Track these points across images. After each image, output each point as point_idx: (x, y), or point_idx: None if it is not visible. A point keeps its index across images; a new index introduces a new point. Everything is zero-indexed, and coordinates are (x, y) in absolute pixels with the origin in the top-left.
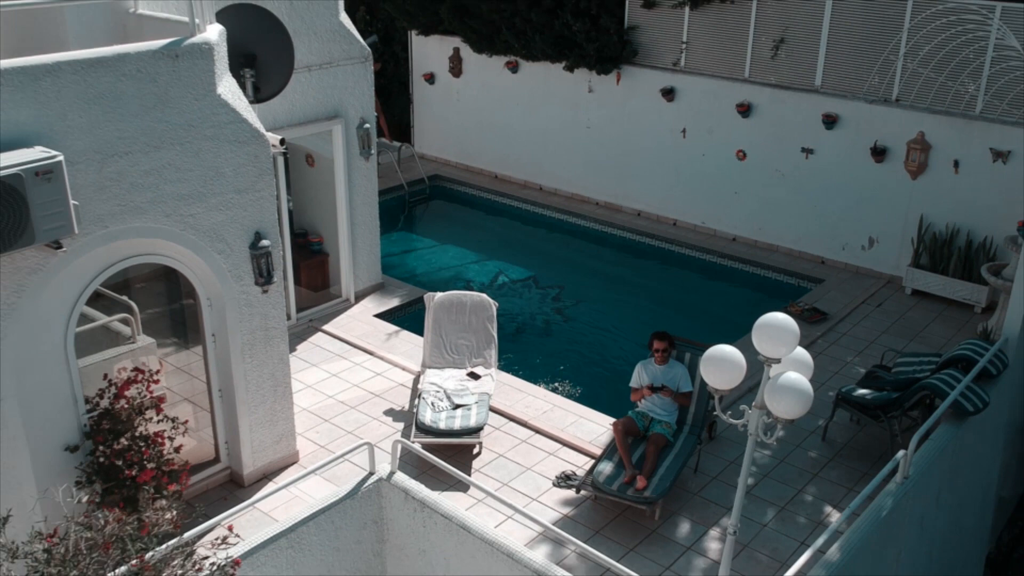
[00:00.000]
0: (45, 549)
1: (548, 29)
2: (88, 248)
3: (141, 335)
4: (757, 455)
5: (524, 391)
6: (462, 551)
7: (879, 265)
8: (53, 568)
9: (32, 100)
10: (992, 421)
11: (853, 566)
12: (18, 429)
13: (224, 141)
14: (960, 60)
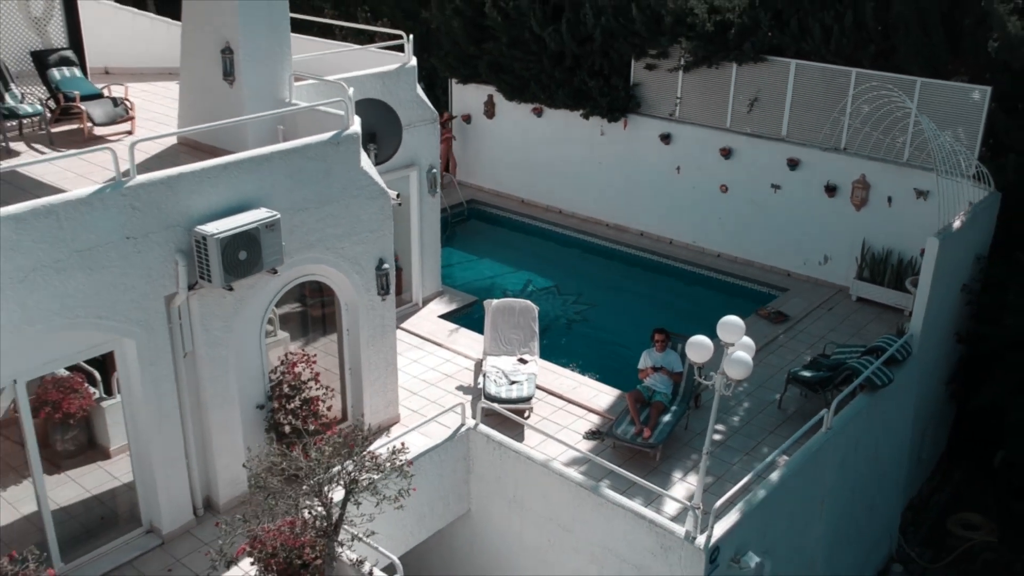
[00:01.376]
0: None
1: (568, 84)
2: (281, 272)
3: (279, 331)
4: (731, 418)
5: (557, 372)
6: (527, 477)
7: (832, 277)
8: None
9: (256, 178)
10: (902, 393)
11: (786, 488)
12: (234, 392)
13: (363, 198)
14: (890, 120)
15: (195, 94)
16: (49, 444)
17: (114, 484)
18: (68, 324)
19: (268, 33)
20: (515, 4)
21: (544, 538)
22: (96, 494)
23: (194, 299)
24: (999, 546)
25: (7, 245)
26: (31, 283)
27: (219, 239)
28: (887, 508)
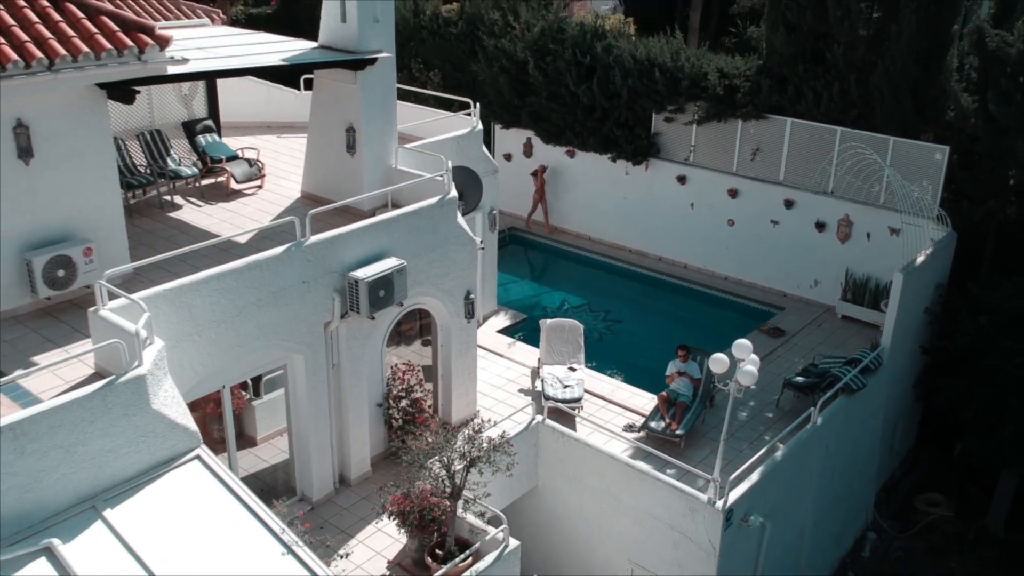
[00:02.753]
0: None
1: (598, 132)
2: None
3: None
4: (740, 414)
5: (598, 378)
6: (584, 459)
7: (821, 298)
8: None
9: (387, 234)
10: (875, 395)
11: (786, 467)
12: (364, 394)
13: (458, 245)
14: (868, 171)
15: (321, 159)
16: (207, 432)
17: (263, 465)
18: (262, 345)
19: (382, 116)
20: (554, 65)
21: (598, 506)
22: (253, 472)
23: (343, 325)
24: (954, 519)
25: (229, 289)
26: (243, 316)
27: (368, 282)
28: (864, 488)
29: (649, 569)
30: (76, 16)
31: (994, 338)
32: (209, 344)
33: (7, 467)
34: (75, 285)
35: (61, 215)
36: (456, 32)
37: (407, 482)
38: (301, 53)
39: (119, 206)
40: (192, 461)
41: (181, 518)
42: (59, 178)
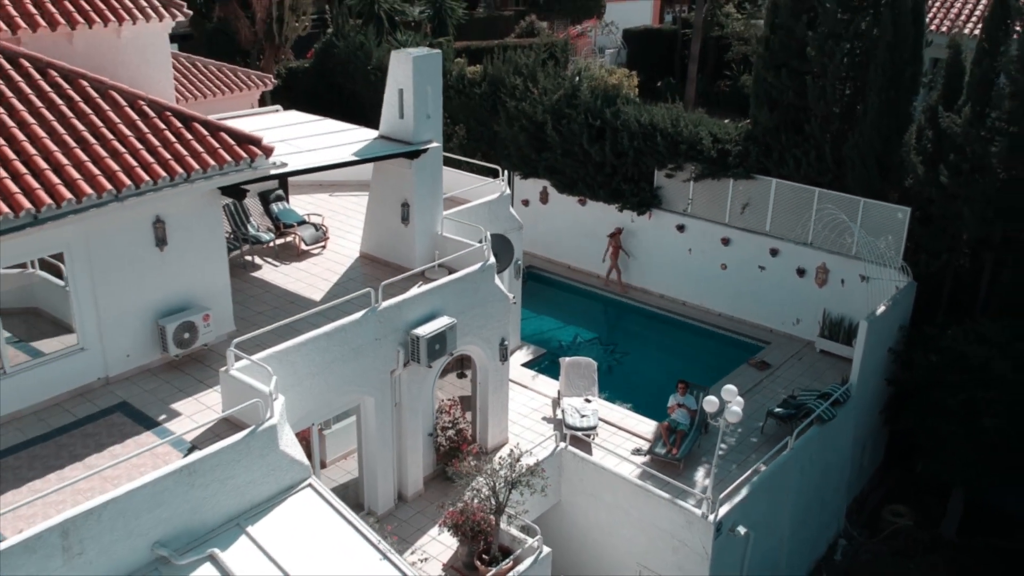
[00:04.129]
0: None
1: (607, 186)
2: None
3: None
4: (730, 439)
5: (608, 407)
6: (599, 479)
7: (803, 334)
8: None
9: (440, 297)
10: (844, 424)
11: (767, 486)
12: (419, 426)
13: (495, 301)
14: (842, 227)
15: (379, 227)
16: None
17: (332, 484)
18: (343, 391)
19: (431, 194)
20: (569, 127)
21: (611, 518)
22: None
23: (404, 372)
24: (915, 528)
25: (320, 347)
26: (330, 368)
27: (426, 338)
28: (836, 501)
29: (653, 570)
30: (202, 134)
31: (942, 375)
32: (305, 392)
33: (180, 496)
34: (196, 345)
35: (185, 288)
36: (480, 92)
37: (459, 500)
38: (368, 145)
39: (227, 279)
40: (306, 488)
41: (301, 532)
42: (185, 260)
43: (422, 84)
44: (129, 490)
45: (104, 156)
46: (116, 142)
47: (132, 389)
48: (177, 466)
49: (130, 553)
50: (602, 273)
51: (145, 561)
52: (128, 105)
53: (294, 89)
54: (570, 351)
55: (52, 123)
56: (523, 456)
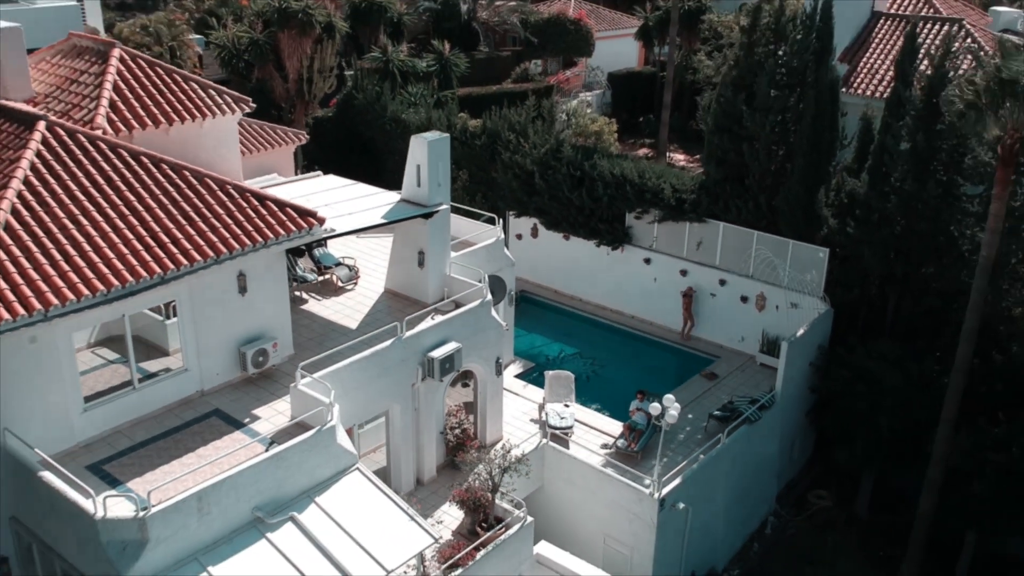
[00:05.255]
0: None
1: (586, 225)
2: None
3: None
4: (678, 436)
5: (584, 410)
6: (573, 467)
7: (747, 350)
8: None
9: (451, 327)
10: (769, 425)
11: (703, 473)
12: (432, 426)
13: (492, 329)
14: (776, 263)
15: (401, 269)
16: None
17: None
18: (377, 400)
19: (441, 244)
20: (554, 177)
21: (582, 497)
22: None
23: (422, 385)
24: (834, 508)
25: (361, 368)
26: (369, 384)
27: (439, 359)
28: (767, 485)
29: (615, 537)
30: (274, 209)
31: (850, 385)
32: (351, 402)
33: (270, 475)
34: (267, 366)
35: (259, 323)
36: (480, 143)
37: (464, 483)
38: (393, 208)
39: (289, 316)
40: (354, 471)
41: (353, 501)
42: (259, 302)
43: (435, 161)
44: (239, 471)
45: (206, 231)
46: (214, 219)
47: (222, 399)
48: (270, 454)
49: (238, 514)
50: (583, 296)
51: (247, 520)
52: (219, 189)
53: (320, 135)
54: (555, 365)
55: (168, 206)
56: (513, 449)
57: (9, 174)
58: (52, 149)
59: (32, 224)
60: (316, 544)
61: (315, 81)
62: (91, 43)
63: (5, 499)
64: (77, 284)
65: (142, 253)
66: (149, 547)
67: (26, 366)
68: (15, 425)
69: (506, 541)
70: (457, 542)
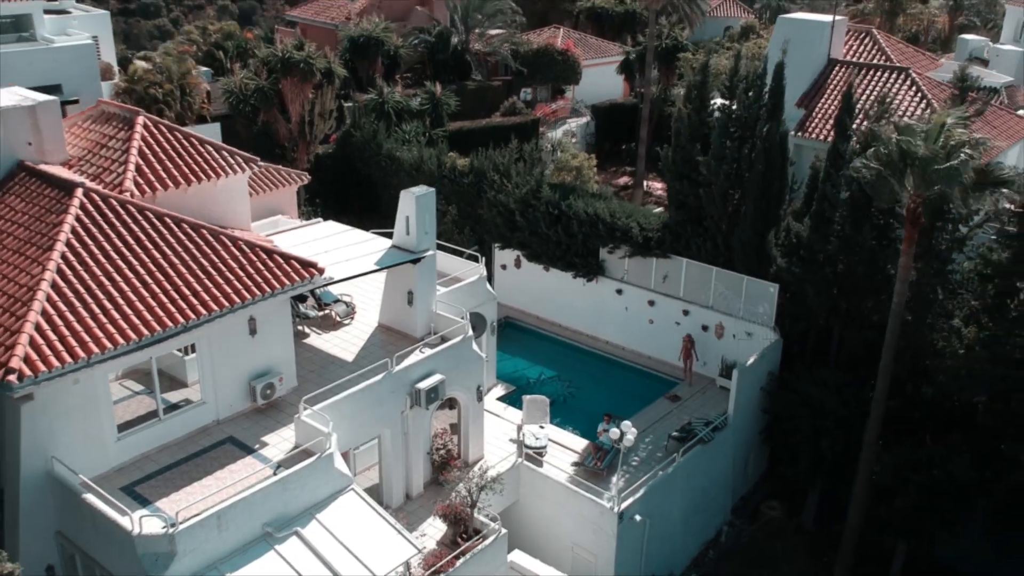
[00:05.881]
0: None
1: (564, 259)
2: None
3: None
4: (640, 454)
5: (558, 431)
6: (545, 484)
7: (708, 373)
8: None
9: (436, 361)
10: (723, 445)
11: (659, 488)
12: (420, 446)
13: (473, 362)
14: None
15: (392, 306)
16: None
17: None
18: (370, 426)
19: (428, 284)
20: (533, 215)
21: (552, 511)
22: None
23: (410, 412)
24: (784, 518)
25: (356, 399)
26: (364, 412)
27: (425, 390)
28: (721, 498)
29: (583, 546)
30: (280, 262)
31: (796, 409)
32: (347, 428)
33: (278, 496)
34: (274, 397)
35: (267, 360)
36: (467, 181)
37: (447, 499)
38: (385, 254)
39: (293, 353)
40: (349, 491)
41: (348, 518)
42: (267, 342)
43: (422, 213)
44: (252, 492)
45: (222, 283)
46: (228, 272)
47: (235, 427)
48: (278, 478)
49: (250, 529)
50: (562, 322)
51: (258, 534)
52: (232, 245)
53: (322, 171)
54: (535, 387)
55: (189, 262)
56: (489, 469)
57: (53, 237)
58: (89, 214)
59: (74, 282)
60: (317, 555)
61: (316, 123)
62: (118, 110)
63: (53, 516)
64: (114, 335)
65: (168, 305)
66: (177, 558)
67: (70, 403)
68: (60, 453)
69: (483, 550)
70: (440, 551)
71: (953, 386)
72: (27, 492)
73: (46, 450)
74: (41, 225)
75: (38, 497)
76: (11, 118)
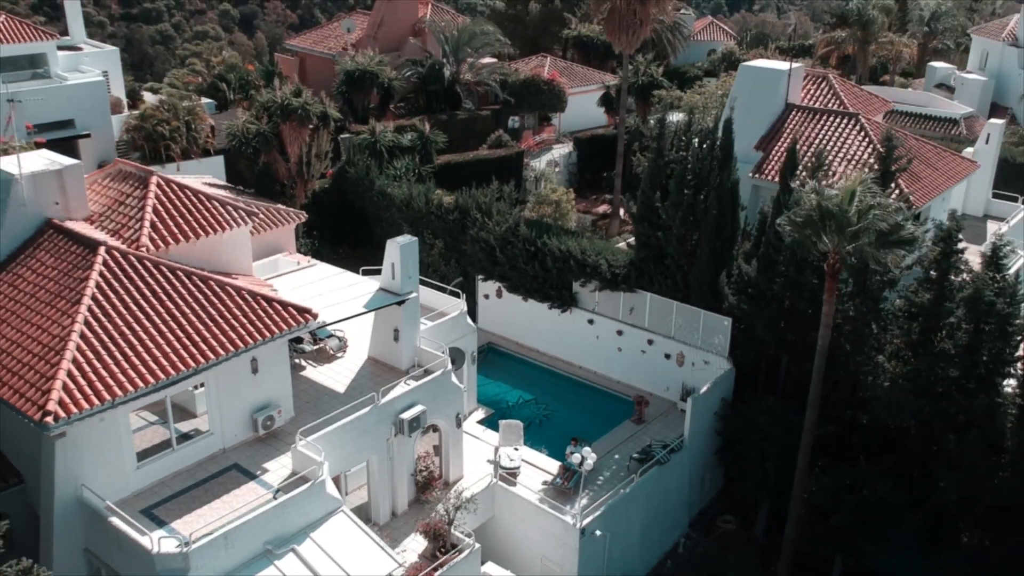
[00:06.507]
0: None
1: (540, 291)
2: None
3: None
4: (605, 474)
5: (530, 452)
6: (517, 502)
7: (669, 397)
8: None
9: (419, 394)
10: (679, 466)
11: (618, 507)
12: (404, 468)
13: (452, 393)
14: (691, 327)
15: (380, 341)
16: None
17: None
18: (359, 453)
19: (412, 323)
20: (512, 251)
21: (523, 526)
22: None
23: (395, 439)
24: (738, 531)
25: (347, 430)
26: (353, 441)
27: (408, 420)
28: (680, 513)
29: (550, 559)
30: (278, 309)
31: (744, 433)
32: (338, 455)
33: (277, 518)
34: (273, 427)
35: (267, 395)
36: (453, 218)
37: (428, 517)
38: (373, 296)
39: (290, 386)
40: (339, 513)
41: (338, 537)
42: (267, 379)
43: (405, 260)
44: (255, 515)
45: (228, 330)
46: (233, 320)
47: (239, 455)
48: (278, 502)
49: (253, 548)
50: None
51: (260, 552)
52: (236, 295)
53: (319, 204)
54: (513, 411)
55: (198, 311)
56: (464, 491)
57: (80, 291)
58: (111, 269)
59: (100, 332)
60: (311, 570)
61: (312, 163)
62: (133, 170)
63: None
64: (135, 379)
65: (181, 352)
66: (191, 573)
67: (97, 438)
68: (88, 481)
69: (458, 563)
70: (421, 563)
71: (884, 414)
72: (60, 516)
73: (76, 479)
74: (69, 280)
75: (69, 519)
76: (41, 181)
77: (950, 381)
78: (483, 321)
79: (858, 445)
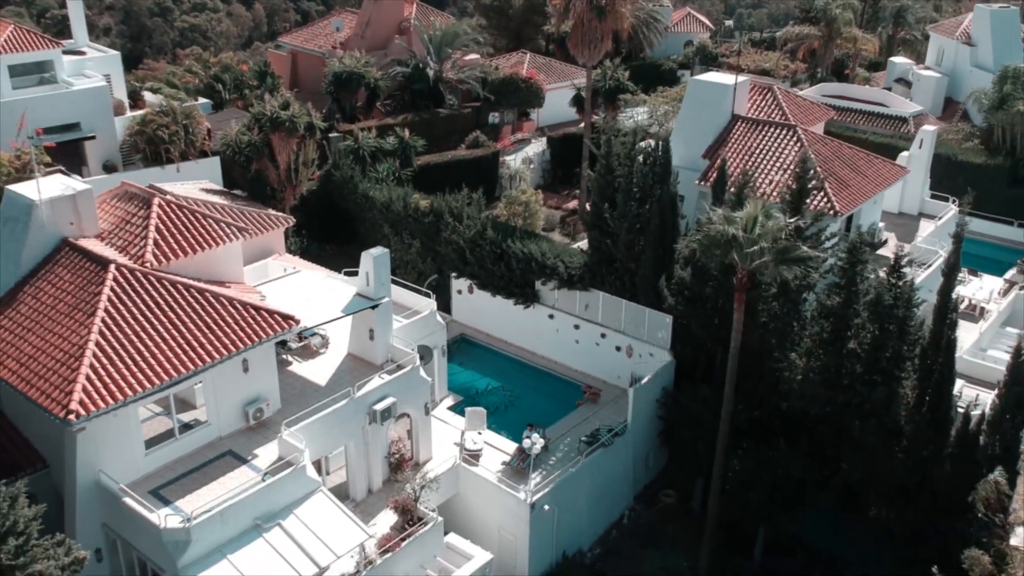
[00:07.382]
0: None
1: (507, 288)
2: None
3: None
4: (557, 455)
5: (494, 436)
6: (478, 481)
7: (621, 384)
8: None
9: (393, 386)
10: (622, 448)
11: (566, 485)
12: (379, 451)
13: (420, 385)
14: (638, 322)
15: (358, 339)
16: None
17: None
18: (338, 439)
19: (386, 324)
20: (480, 253)
21: (484, 502)
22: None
23: (370, 427)
24: (678, 504)
25: (326, 420)
26: (333, 429)
27: (380, 411)
28: (625, 488)
29: (506, 530)
30: (265, 316)
31: (680, 418)
32: (319, 442)
33: (265, 497)
34: (263, 418)
35: (257, 390)
36: (428, 220)
37: (398, 494)
38: (351, 301)
39: (277, 382)
40: (318, 492)
41: (318, 514)
42: (256, 376)
43: (379, 269)
44: (247, 495)
45: (222, 336)
46: (226, 327)
47: (233, 443)
48: (266, 484)
49: (245, 522)
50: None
51: (251, 526)
52: (229, 304)
53: (308, 205)
54: (481, 398)
55: (196, 320)
56: (429, 472)
57: (95, 304)
58: (120, 284)
59: (112, 340)
60: (295, 540)
61: (300, 170)
62: (138, 191)
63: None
64: (143, 380)
65: (182, 356)
66: (192, 545)
67: (111, 430)
68: (104, 467)
69: (423, 535)
70: (390, 534)
71: (799, 403)
72: (82, 497)
73: (94, 466)
74: (84, 294)
75: (89, 500)
76: (58, 205)
77: (855, 375)
78: (457, 314)
79: (779, 429)
